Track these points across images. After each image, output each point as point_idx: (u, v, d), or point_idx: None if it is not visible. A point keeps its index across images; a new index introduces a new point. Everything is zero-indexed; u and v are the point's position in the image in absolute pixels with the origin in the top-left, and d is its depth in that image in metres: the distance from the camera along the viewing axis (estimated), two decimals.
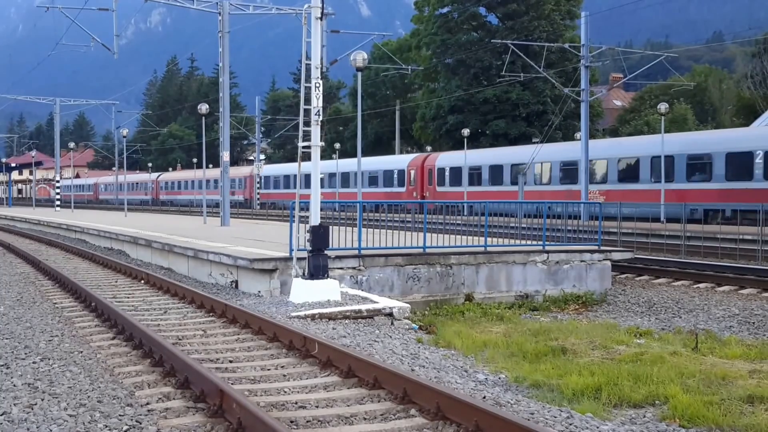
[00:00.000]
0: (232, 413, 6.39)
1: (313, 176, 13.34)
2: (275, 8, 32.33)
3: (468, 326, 13.12)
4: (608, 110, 77.13)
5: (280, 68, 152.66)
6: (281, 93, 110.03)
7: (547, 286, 16.62)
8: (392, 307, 12.27)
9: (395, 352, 9.66)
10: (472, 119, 58.57)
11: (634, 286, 18.28)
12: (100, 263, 19.81)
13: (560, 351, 10.89)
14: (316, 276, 12.87)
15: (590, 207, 25.90)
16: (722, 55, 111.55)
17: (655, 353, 10.52)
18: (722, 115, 70.76)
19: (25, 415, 6.56)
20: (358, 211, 16.00)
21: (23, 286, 15.62)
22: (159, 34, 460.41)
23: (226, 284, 15.89)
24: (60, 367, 8.33)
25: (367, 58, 26.45)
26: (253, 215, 50.28)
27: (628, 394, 8.50)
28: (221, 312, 11.56)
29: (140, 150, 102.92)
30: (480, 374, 9.29)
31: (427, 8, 64.03)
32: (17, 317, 11.64)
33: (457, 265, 15.78)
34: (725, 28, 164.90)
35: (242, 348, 9.51)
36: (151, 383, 7.77)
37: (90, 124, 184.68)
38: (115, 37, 32.04)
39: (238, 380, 7.87)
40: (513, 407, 7.14)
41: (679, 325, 13.63)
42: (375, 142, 77.37)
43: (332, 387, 7.73)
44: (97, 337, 10.12)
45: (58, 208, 55.48)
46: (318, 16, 13.36)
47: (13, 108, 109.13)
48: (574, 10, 58.45)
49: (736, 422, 7.59)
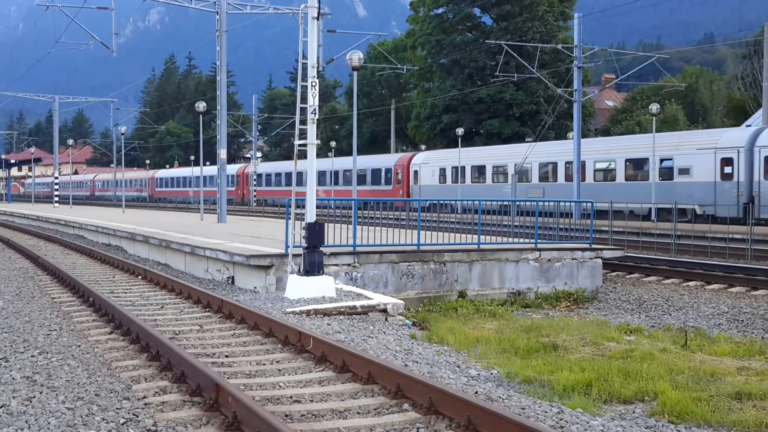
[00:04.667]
0: (228, 407, 6.45)
1: (309, 174, 13.44)
2: (272, 8, 32.45)
3: (461, 323, 13.18)
4: (600, 110, 77.22)
5: (276, 67, 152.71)
6: (278, 92, 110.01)
7: (539, 284, 16.74)
8: (386, 304, 12.38)
9: (389, 348, 9.74)
10: (467, 119, 58.65)
11: (624, 284, 18.39)
12: (98, 259, 19.87)
13: (551, 347, 10.96)
14: (311, 272, 12.98)
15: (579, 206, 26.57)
16: (713, 57, 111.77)
17: (645, 350, 10.58)
18: (713, 116, 70.94)
19: (23, 407, 6.63)
20: (353, 209, 16.10)
21: (22, 280, 15.70)
22: (157, 32, 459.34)
23: (222, 280, 15.98)
24: (58, 361, 8.41)
25: (362, 57, 26.53)
26: (249, 212, 50.31)
27: (618, 390, 8.54)
28: (217, 307, 11.64)
29: (138, 147, 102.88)
30: (472, 370, 9.36)
31: (422, 9, 64.04)
32: (16, 311, 11.71)
33: (450, 262, 15.89)
34: (716, 29, 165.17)
35: (238, 343, 9.60)
36: (148, 377, 7.84)
37: (89, 121, 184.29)
38: (114, 35, 32.12)
39: (234, 375, 7.94)
40: (505, 402, 7.22)
41: (668, 323, 13.73)
42: (370, 141, 77.41)
43: (327, 382, 7.79)
44: (94, 332, 10.19)
45: (56, 204, 55.44)
46: (314, 16, 13.46)
47: (12, 105, 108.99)
48: (568, 11, 58.55)
49: (724, 418, 7.63)
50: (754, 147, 30.88)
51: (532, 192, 38.87)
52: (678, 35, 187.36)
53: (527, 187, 39.96)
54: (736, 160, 31.26)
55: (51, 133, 69.91)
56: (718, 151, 31.91)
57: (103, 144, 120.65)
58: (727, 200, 29.99)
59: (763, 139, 30.84)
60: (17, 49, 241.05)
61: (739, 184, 30.91)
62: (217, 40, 28.80)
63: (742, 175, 30.92)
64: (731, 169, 31.33)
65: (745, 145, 31.24)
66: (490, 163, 44.04)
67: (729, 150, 31.50)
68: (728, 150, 31.52)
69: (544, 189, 39.11)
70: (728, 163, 31.49)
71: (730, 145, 31.63)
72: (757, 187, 30.36)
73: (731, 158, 31.40)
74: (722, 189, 31.16)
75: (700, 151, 32.31)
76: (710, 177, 31.89)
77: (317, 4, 13.40)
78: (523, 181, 40.53)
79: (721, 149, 31.87)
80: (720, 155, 31.79)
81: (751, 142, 31.19)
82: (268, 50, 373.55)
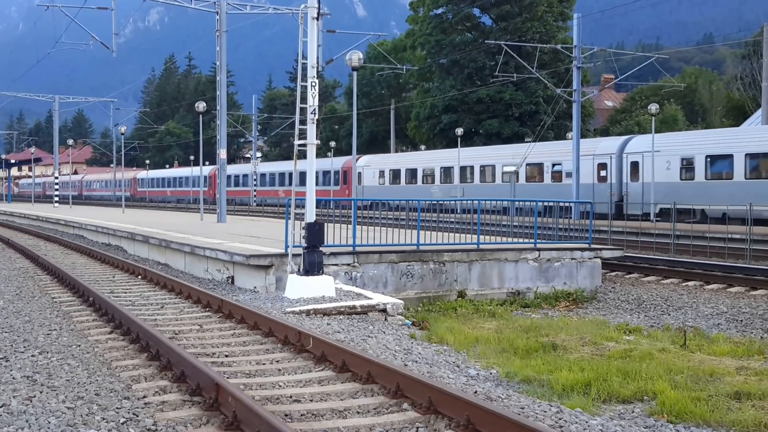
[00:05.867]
0: (228, 406, 6.45)
1: (309, 174, 13.46)
2: (272, 8, 32.48)
3: (460, 322, 13.20)
4: (600, 111, 77.25)
5: (276, 67, 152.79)
6: (278, 92, 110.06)
7: (539, 284, 16.76)
8: (386, 303, 12.40)
9: (388, 348, 9.76)
10: (466, 119, 58.68)
11: (623, 284, 18.42)
12: (98, 259, 19.88)
13: (551, 347, 10.98)
14: (311, 272, 12.99)
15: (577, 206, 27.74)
16: (712, 57, 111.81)
17: (644, 350, 10.60)
18: (712, 116, 70.98)
19: (24, 407, 6.64)
20: (352, 209, 16.12)
21: (22, 280, 15.71)
22: (157, 32, 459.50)
23: (222, 280, 15.99)
24: (58, 361, 8.42)
25: (362, 57, 26.51)
26: (249, 212, 50.38)
27: (617, 390, 8.55)
28: (217, 307, 11.66)
29: (138, 147, 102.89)
30: (472, 369, 9.37)
31: (421, 9, 64.04)
32: (16, 311, 11.72)
33: (450, 262, 15.91)
34: (715, 30, 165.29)
35: (238, 343, 9.61)
36: (148, 377, 7.85)
37: (88, 121, 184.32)
38: (114, 35, 32.13)
39: (234, 374, 7.95)
40: (504, 402, 7.23)
41: (667, 323, 13.75)
42: (370, 141, 77.44)
43: (326, 381, 7.81)
44: (94, 332, 10.20)
45: (56, 204, 55.45)
46: (314, 16, 13.47)
47: (13, 105, 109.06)
48: (567, 11, 58.57)
49: (723, 418, 7.64)
50: (623, 154, 35.83)
51: (453, 192, 44.53)
52: (677, 35, 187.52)
53: (450, 187, 45.79)
54: (609, 165, 36.52)
55: (51, 133, 69.94)
56: (595, 158, 37.01)
57: (102, 144, 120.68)
58: (603, 199, 33.35)
59: (630, 146, 35.82)
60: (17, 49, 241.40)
61: (612, 185, 35.92)
62: (217, 40, 28.82)
63: (614, 178, 36.08)
64: (606, 172, 36.69)
65: (617, 152, 36.29)
66: (420, 166, 49.78)
67: (604, 156, 36.83)
68: (603, 156, 36.86)
69: (463, 189, 44.19)
70: (603, 168, 36.81)
71: (605, 152, 36.97)
72: (625, 187, 35.41)
73: (605, 163, 36.70)
74: (599, 189, 35.77)
75: (583, 157, 36.44)
76: (590, 179, 36.64)
77: (317, 4, 13.42)
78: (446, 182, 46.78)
79: (597, 156, 37.10)
80: (597, 161, 37.02)
81: (621, 149, 36.17)
82: (267, 50, 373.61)
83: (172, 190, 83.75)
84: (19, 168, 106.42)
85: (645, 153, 34.11)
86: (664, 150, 33.32)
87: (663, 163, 33.11)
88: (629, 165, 35.37)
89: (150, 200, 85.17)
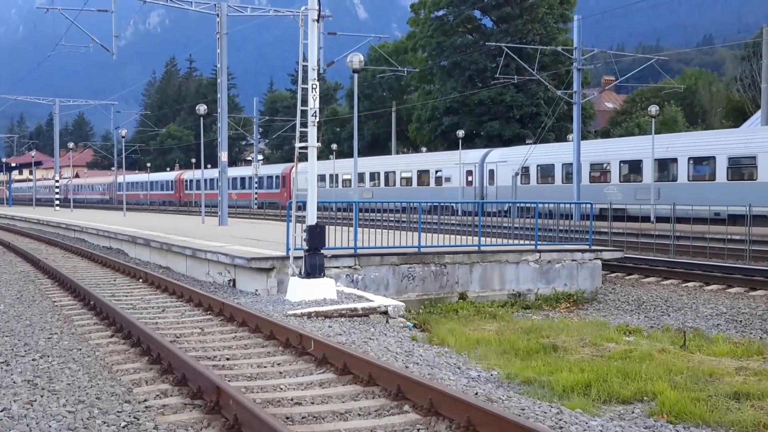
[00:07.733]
0: (229, 410, 6.45)
1: (310, 176, 13.48)
2: (273, 10, 32.43)
3: (461, 324, 13.23)
4: (600, 112, 77.26)
5: (277, 70, 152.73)
6: (279, 94, 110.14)
7: (539, 285, 16.78)
8: (387, 306, 12.41)
9: (390, 350, 9.77)
10: (467, 121, 58.75)
11: (623, 285, 18.44)
12: (99, 262, 19.89)
13: (551, 348, 11.01)
14: (312, 275, 13.00)
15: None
16: (712, 59, 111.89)
17: (643, 350, 10.63)
18: (712, 118, 70.98)
19: (24, 411, 6.64)
20: (354, 212, 16.13)
21: (23, 284, 15.71)
22: (158, 35, 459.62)
23: (223, 283, 16.00)
24: (59, 365, 8.42)
25: (363, 60, 26.55)
26: (250, 215, 50.41)
27: (617, 391, 8.58)
28: (219, 310, 11.66)
29: (139, 150, 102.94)
30: (473, 371, 9.39)
31: (423, 11, 64.10)
32: (17, 315, 11.72)
33: (451, 264, 15.94)
34: (715, 31, 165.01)
35: (239, 346, 9.61)
36: (149, 380, 7.85)
37: (89, 124, 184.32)
38: (114, 38, 32.10)
39: (235, 377, 7.96)
40: (504, 403, 7.23)
41: (667, 323, 13.78)
42: (371, 143, 77.52)
43: (328, 384, 7.80)
44: (95, 335, 10.20)
45: (57, 207, 55.48)
46: (315, 19, 13.48)
47: (13, 108, 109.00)
48: (567, 13, 58.68)
49: (722, 418, 7.66)
50: (484, 163, 44.81)
51: (366, 194, 51.30)
52: (677, 37, 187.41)
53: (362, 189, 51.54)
54: (474, 171, 45.41)
55: (51, 137, 70.03)
56: (464, 166, 45.59)
57: (103, 147, 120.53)
58: (470, 199, 41.84)
59: (489, 157, 44.84)
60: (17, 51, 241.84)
61: (476, 188, 44.99)
62: (218, 42, 28.84)
63: (477, 182, 44.96)
64: (472, 178, 45.58)
65: (479, 161, 45.10)
66: (341, 172, 55.45)
67: (470, 165, 45.58)
68: (470, 165, 45.61)
69: (373, 192, 51.71)
70: (470, 174, 45.64)
71: (471, 161, 45.62)
72: (485, 190, 44.32)
73: (472, 170, 45.54)
74: (467, 192, 45.13)
75: (456, 165, 45.73)
76: (461, 183, 45.57)
77: (317, 6, 13.43)
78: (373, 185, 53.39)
79: (466, 164, 45.54)
80: (465, 168, 45.67)
81: (483, 159, 45.03)
82: (268, 52, 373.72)
83: (144, 193, 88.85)
84: (20, 171, 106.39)
85: (498, 163, 43.55)
86: (510, 161, 41.75)
87: (509, 171, 41.26)
88: (488, 172, 44.40)
89: (128, 202, 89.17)
